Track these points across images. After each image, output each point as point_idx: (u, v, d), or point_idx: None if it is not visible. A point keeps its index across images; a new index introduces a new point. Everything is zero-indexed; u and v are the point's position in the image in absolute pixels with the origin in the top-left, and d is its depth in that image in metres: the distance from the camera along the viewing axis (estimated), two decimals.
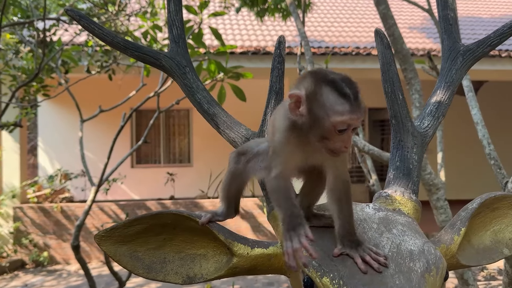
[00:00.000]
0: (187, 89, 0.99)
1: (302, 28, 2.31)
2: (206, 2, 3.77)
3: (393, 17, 1.90)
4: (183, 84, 0.99)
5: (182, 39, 1.04)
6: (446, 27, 1.07)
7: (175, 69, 1.00)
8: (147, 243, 0.82)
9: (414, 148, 0.88)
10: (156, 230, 0.82)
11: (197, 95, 0.98)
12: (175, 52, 1.02)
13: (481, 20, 10.80)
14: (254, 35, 8.92)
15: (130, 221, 0.80)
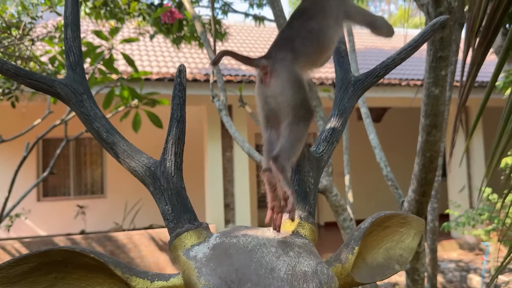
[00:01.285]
0: (84, 117, 0.95)
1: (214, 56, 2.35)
2: (116, 28, 3.70)
3: None
4: (80, 112, 0.95)
5: (79, 65, 1.00)
6: (338, 59, 1.15)
7: (71, 97, 0.96)
8: (36, 283, 0.76)
9: (311, 172, 0.92)
10: (46, 269, 0.76)
11: (95, 124, 0.94)
12: (71, 79, 0.98)
13: (384, 51, 11.83)
14: (171, 62, 8.89)
15: (15, 260, 0.74)
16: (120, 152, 0.92)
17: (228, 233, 0.84)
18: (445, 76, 1.37)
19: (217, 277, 0.68)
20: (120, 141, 0.94)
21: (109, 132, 0.94)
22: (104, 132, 0.94)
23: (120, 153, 0.92)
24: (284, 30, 0.93)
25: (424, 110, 1.42)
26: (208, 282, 0.68)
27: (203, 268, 0.72)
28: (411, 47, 1.09)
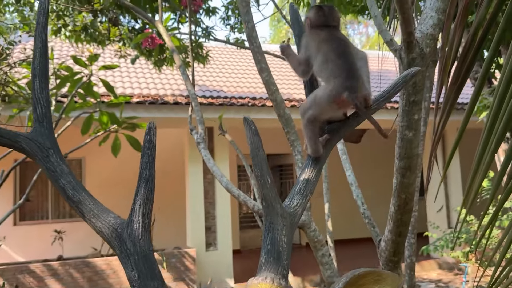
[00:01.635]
0: (50, 174, 0.92)
1: (192, 90, 2.34)
2: (96, 55, 3.66)
3: (275, 84, 2.01)
4: (45, 168, 0.93)
5: (47, 118, 0.98)
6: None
7: (37, 152, 0.93)
8: None
9: (284, 230, 0.91)
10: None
11: (61, 180, 0.91)
12: (38, 132, 0.95)
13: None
14: (152, 84, 8.86)
15: None
16: (86, 211, 0.90)
17: None
18: (418, 120, 1.39)
19: None
20: (87, 199, 0.91)
21: (75, 189, 0.92)
22: (70, 189, 0.92)
23: (86, 212, 0.90)
24: (345, 57, 1.14)
25: (398, 152, 1.42)
26: None
27: None
28: (383, 97, 1.10)
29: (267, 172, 0.91)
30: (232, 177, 9.57)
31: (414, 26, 1.25)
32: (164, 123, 7.56)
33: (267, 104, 7.60)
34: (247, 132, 0.93)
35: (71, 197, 0.91)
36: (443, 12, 1.35)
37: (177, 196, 8.75)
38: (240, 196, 2.03)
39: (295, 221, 0.95)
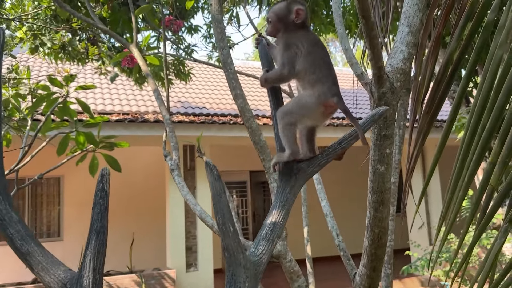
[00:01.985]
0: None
1: (166, 115, 2.30)
2: (72, 76, 3.60)
3: (251, 111, 1.99)
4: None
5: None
6: (280, 145, 1.12)
7: None
8: None
9: (247, 282, 0.86)
10: None
11: (9, 230, 0.86)
12: None
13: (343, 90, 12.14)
14: (134, 100, 8.77)
15: None
16: (34, 264, 0.84)
17: None
18: (390, 153, 1.37)
19: None
20: (36, 250, 0.85)
21: (24, 239, 0.86)
22: (19, 239, 0.86)
23: (35, 265, 0.84)
24: (329, 66, 1.15)
25: (371, 186, 1.40)
26: None
27: None
28: (351, 137, 1.08)
29: (229, 220, 0.87)
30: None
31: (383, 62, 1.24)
32: (144, 141, 7.46)
33: None
34: (208, 177, 0.89)
35: (19, 248, 0.85)
36: (413, 46, 1.35)
37: (157, 215, 8.61)
38: (214, 226, 1.98)
39: (260, 270, 0.91)
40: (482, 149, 1.31)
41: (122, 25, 4.47)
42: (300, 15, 1.18)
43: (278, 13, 1.20)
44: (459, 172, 1.50)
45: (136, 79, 6.52)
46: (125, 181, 8.09)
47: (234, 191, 11.40)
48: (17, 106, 4.59)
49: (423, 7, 1.37)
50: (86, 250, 0.81)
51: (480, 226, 1.38)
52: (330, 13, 6.73)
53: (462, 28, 1.55)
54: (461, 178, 1.49)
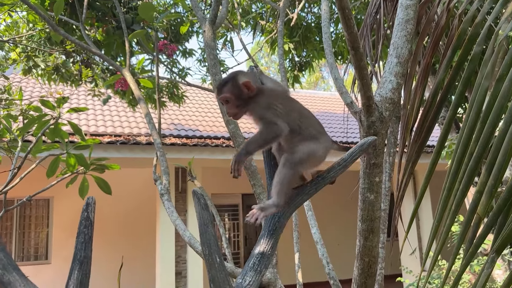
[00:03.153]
0: None
1: (158, 139, 2.30)
2: (64, 98, 3.60)
3: (242, 136, 1.99)
4: None
5: None
6: (270, 172, 1.12)
7: None
8: None
9: None
10: None
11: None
12: None
13: (336, 115, 12.27)
14: (126, 122, 8.77)
15: None
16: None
17: None
18: (379, 182, 1.37)
19: None
20: (18, 280, 0.83)
21: (5, 269, 0.84)
22: (0, 268, 0.84)
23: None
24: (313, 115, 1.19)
25: (360, 215, 1.40)
26: None
27: None
28: (340, 166, 1.08)
29: (215, 251, 0.86)
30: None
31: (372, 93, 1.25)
32: (136, 163, 7.42)
33: None
34: (196, 207, 0.88)
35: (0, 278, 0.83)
36: (402, 77, 1.37)
37: (147, 238, 8.50)
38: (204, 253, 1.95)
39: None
40: (469, 178, 1.32)
41: (116, 48, 4.51)
42: (250, 88, 1.15)
43: (232, 91, 1.16)
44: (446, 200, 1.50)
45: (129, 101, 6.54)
46: (115, 203, 8.00)
47: (226, 214, 11.32)
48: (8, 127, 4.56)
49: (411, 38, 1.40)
50: (68, 281, 0.79)
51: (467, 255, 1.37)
52: None
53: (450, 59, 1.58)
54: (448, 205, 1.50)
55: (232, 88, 1.16)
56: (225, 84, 1.17)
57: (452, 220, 1.40)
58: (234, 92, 1.15)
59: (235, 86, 1.16)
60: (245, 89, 1.15)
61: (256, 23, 6.25)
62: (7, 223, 8.55)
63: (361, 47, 1.21)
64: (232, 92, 1.15)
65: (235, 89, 1.15)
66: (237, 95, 1.15)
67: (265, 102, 1.14)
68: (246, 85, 1.15)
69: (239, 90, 1.15)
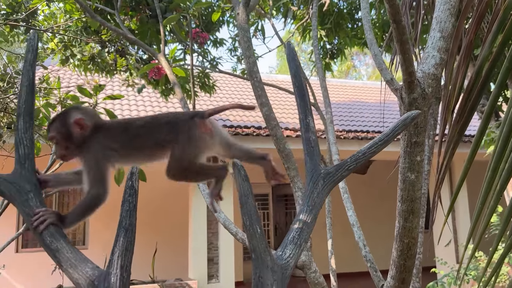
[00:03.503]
0: (28, 219, 0.87)
1: None
2: (101, 86, 3.68)
3: (276, 119, 1.98)
4: (23, 212, 0.88)
5: (29, 160, 0.94)
6: (308, 149, 1.10)
7: (16, 195, 0.89)
8: None
9: (274, 285, 0.85)
10: None
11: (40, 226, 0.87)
12: (18, 175, 0.91)
13: (368, 104, 12.04)
14: (159, 112, 8.90)
15: None
16: (63, 260, 0.84)
17: None
18: (420, 161, 1.33)
19: None
20: (65, 247, 0.86)
21: (53, 236, 0.87)
22: (48, 236, 0.87)
23: (63, 262, 0.84)
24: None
25: (400, 195, 1.36)
26: None
27: None
28: (382, 141, 1.05)
29: (256, 221, 0.86)
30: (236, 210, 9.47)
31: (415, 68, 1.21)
32: None
33: (262, 134, 7.59)
34: (236, 178, 0.88)
35: (48, 245, 0.86)
36: (445, 52, 1.32)
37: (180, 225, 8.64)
38: (238, 234, 1.96)
39: (287, 274, 0.89)
40: (509, 171, 1.26)
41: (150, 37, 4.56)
42: (83, 126, 1.02)
43: (60, 130, 1.02)
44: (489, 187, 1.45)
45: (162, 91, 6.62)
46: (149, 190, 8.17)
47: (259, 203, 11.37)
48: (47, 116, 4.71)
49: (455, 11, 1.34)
50: (114, 248, 0.81)
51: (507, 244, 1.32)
52: (355, 26, 6.71)
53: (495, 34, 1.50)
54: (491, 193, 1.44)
55: (59, 127, 1.02)
56: (53, 122, 1.03)
57: (491, 213, 1.35)
58: (62, 131, 1.01)
59: (63, 124, 1.02)
60: (76, 128, 1.01)
61: (288, 10, 6.18)
62: None
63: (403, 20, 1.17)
64: (59, 131, 1.01)
65: (63, 127, 1.01)
66: (65, 135, 1.01)
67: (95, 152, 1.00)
68: (78, 123, 1.01)
69: (68, 130, 1.01)
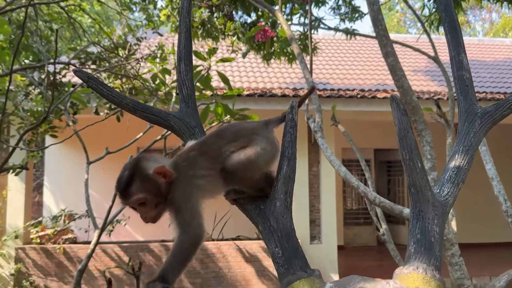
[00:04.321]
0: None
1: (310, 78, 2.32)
2: (214, 49, 3.84)
3: (402, 69, 1.90)
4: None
5: (192, 99, 1.02)
6: (462, 88, 1.04)
7: (184, 130, 0.98)
8: None
9: (435, 219, 0.83)
10: None
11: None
12: (184, 112, 1.00)
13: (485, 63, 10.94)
14: (260, 77, 9.05)
15: None
16: None
17: (342, 285, 0.78)
18: None
19: None
20: None
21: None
22: None
23: None
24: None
25: None
26: None
27: None
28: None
29: (417, 156, 0.84)
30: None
31: None
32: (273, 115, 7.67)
33: (378, 96, 7.29)
34: (394, 112, 0.86)
35: None
36: None
37: None
38: (360, 187, 1.95)
39: (446, 211, 0.87)
40: None
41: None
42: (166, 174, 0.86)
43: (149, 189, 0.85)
44: None
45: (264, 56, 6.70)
46: None
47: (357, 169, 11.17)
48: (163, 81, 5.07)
49: None
50: (278, 175, 0.86)
51: None
52: None
53: None
54: None
55: (146, 185, 0.85)
56: (131, 183, 0.85)
57: None
58: (150, 189, 0.85)
59: (147, 179, 0.85)
60: (160, 178, 0.86)
61: None
62: None
63: None
64: (148, 190, 0.85)
65: (150, 184, 0.85)
66: (155, 192, 0.85)
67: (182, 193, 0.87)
68: (160, 172, 0.86)
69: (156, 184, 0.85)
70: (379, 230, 3.04)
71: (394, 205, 1.89)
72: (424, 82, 9.22)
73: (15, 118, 4.50)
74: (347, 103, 7.40)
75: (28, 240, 7.28)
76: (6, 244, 6.97)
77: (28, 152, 4.20)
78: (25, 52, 4.41)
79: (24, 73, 4.34)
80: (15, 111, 4.13)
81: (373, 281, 0.76)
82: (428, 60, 10.49)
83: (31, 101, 4.53)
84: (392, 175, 11.76)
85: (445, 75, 3.12)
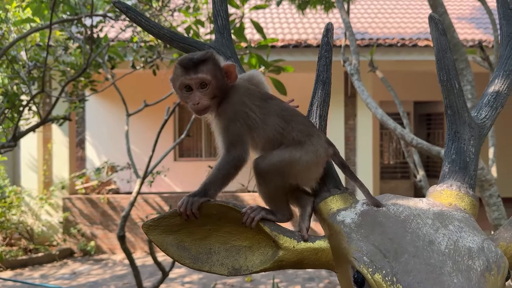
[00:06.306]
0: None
1: (346, 18, 2.26)
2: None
3: (443, 5, 1.81)
4: None
5: (226, 29, 1.03)
6: (504, 12, 1.00)
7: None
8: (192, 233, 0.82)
9: (471, 140, 0.83)
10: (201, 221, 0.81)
11: None
12: (220, 43, 1.02)
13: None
14: (295, 28, 8.84)
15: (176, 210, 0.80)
16: None
17: None
18: None
19: (370, 244, 0.66)
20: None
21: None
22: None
23: None
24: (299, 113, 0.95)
25: None
26: (360, 248, 0.66)
27: (352, 233, 0.70)
28: None
29: (454, 76, 0.83)
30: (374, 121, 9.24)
31: None
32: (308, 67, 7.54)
33: (419, 44, 6.99)
34: (432, 32, 0.84)
35: None
36: None
37: None
38: (397, 129, 1.94)
39: (483, 133, 0.86)
40: None
41: None
42: (232, 75, 0.87)
43: (215, 75, 0.85)
44: None
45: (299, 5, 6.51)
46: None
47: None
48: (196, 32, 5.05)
49: None
50: (312, 99, 0.87)
51: None
52: None
53: None
54: None
55: (214, 70, 0.86)
56: (204, 62, 0.85)
57: None
58: (217, 76, 0.86)
59: (218, 67, 0.87)
60: (226, 75, 0.88)
61: None
62: (197, 127, 9.86)
63: None
64: (214, 75, 0.85)
65: (218, 71, 0.86)
66: (219, 81, 0.86)
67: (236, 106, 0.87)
68: (229, 71, 0.87)
69: (222, 75, 0.87)
70: (416, 177, 3.02)
71: (432, 146, 1.87)
72: (469, 30, 8.73)
73: (56, 72, 4.67)
74: (386, 52, 7.16)
75: (74, 191, 7.72)
76: (54, 194, 7.42)
77: (70, 103, 4.37)
78: (62, 6, 4.48)
79: (62, 27, 4.44)
80: (55, 64, 4.27)
81: (406, 198, 0.78)
82: (473, 6, 9.88)
83: (70, 55, 4.66)
84: (432, 128, 11.45)
85: (490, 17, 2.95)
